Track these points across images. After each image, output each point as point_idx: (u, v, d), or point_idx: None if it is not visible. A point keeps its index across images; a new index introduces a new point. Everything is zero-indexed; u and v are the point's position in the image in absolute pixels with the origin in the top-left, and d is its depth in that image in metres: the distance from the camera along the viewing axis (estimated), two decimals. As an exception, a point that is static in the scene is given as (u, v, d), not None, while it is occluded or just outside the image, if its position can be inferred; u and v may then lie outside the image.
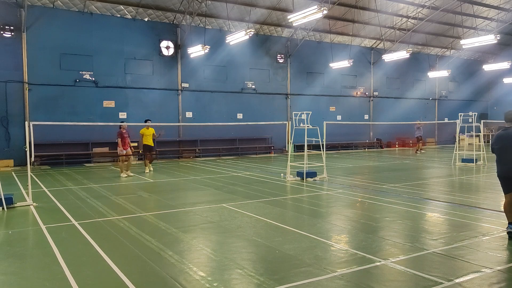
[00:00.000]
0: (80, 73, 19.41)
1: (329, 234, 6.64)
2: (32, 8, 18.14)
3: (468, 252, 5.53)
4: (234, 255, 5.56)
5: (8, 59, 17.85)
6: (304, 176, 12.70)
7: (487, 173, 14.50)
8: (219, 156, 22.71)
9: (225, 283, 4.58)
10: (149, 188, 11.94)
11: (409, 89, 31.01)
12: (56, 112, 18.59)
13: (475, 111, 19.78)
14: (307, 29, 24.83)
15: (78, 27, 19.26)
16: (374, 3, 23.74)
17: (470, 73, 34.04)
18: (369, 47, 28.94)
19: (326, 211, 8.45)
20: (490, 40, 21.11)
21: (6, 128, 17.92)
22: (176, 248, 5.84)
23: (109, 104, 20.14)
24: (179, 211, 8.41)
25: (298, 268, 4.98)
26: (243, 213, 8.10)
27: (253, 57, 24.27)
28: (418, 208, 8.58)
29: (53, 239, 6.30)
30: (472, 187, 11.86)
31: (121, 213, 8.18)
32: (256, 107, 24.13)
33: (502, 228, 6.73)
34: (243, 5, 21.83)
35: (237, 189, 11.27)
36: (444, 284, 4.43)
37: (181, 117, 22.11)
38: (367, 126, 29.06)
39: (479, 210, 8.29)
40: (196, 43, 20.71)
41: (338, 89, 27.80)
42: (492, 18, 28.07)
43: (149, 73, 21.28)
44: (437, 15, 25.97)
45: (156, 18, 21.32)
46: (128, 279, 4.64)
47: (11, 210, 8.58)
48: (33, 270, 5.12)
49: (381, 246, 5.87)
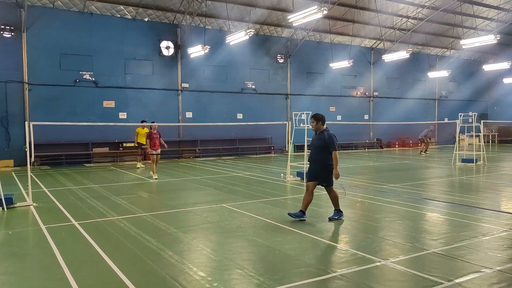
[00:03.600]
0: (80, 73, 19.42)
1: (329, 234, 6.64)
2: (32, 8, 18.14)
3: (468, 252, 5.53)
4: (234, 255, 5.56)
5: (8, 59, 17.85)
6: (304, 176, 12.68)
7: (487, 173, 14.50)
8: (219, 156, 22.71)
9: (225, 283, 4.58)
10: (149, 188, 11.94)
11: (409, 89, 31.02)
12: (56, 112, 18.59)
13: (475, 111, 19.78)
14: (307, 29, 24.83)
15: (78, 27, 19.26)
16: (374, 3, 23.74)
17: (470, 73, 34.04)
18: (369, 47, 28.95)
19: (326, 211, 8.44)
20: (490, 40, 21.11)
21: (6, 128, 17.92)
22: (176, 248, 5.84)
23: (109, 104, 20.14)
24: (179, 211, 8.41)
25: (298, 268, 4.98)
26: (243, 213, 8.10)
27: (253, 57, 24.27)
28: (418, 208, 8.58)
29: (53, 239, 6.30)
30: (472, 187, 11.86)
31: (121, 213, 8.18)
32: (256, 107, 24.13)
33: (502, 228, 6.74)
34: (243, 5, 21.83)
35: (237, 189, 11.27)
36: (444, 284, 4.43)
37: (181, 117, 22.11)
38: (367, 126, 29.06)
39: (479, 210, 8.28)
40: (196, 43, 20.71)
41: (338, 89, 27.81)
42: (492, 18, 28.07)
43: (149, 73, 21.28)
44: (437, 15, 25.97)
45: (156, 18, 21.32)
46: (128, 279, 4.64)
47: (11, 210, 8.58)
48: (33, 270, 5.12)
49: (381, 246, 5.87)
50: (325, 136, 7.22)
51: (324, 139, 7.20)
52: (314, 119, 7.39)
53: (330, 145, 7.15)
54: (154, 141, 13.79)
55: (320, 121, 7.38)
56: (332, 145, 7.16)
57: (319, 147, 7.27)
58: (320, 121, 7.37)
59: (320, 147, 7.25)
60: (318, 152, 7.29)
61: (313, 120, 7.42)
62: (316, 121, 7.37)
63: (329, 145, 7.16)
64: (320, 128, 7.39)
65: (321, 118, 7.38)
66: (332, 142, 7.16)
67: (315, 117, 7.39)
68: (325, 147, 7.19)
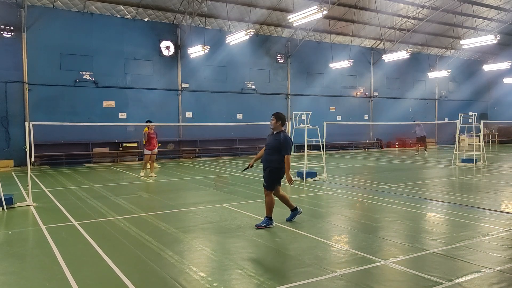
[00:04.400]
0: (80, 73, 19.41)
1: (329, 234, 6.64)
2: (32, 8, 18.14)
3: (468, 252, 5.53)
4: (234, 255, 5.56)
5: (8, 59, 17.84)
6: (304, 176, 12.70)
7: (487, 173, 14.51)
8: (219, 156, 22.71)
9: (225, 283, 4.58)
10: (149, 188, 11.95)
11: (409, 89, 31.01)
12: (56, 112, 18.59)
13: (475, 111, 19.77)
14: (307, 29, 24.83)
15: (78, 27, 19.26)
16: (374, 3, 23.74)
17: (470, 73, 34.03)
18: (369, 47, 28.94)
19: (326, 211, 8.45)
20: (490, 40, 21.11)
21: (6, 128, 17.92)
22: (176, 248, 5.84)
23: (109, 104, 20.14)
24: (179, 211, 8.41)
25: (298, 268, 4.98)
26: (243, 213, 8.10)
27: (253, 57, 24.27)
28: (418, 208, 8.58)
29: (53, 239, 6.30)
30: (472, 187, 11.86)
31: (121, 213, 8.18)
32: (256, 107, 24.13)
33: (502, 228, 6.74)
34: (243, 5, 21.83)
35: (237, 189, 11.27)
36: (444, 284, 4.43)
37: (181, 117, 22.11)
38: (367, 126, 29.05)
39: (479, 210, 8.28)
40: (196, 43, 20.71)
41: (338, 89, 27.80)
42: (492, 18, 28.07)
43: (149, 73, 21.28)
44: (437, 15, 25.97)
45: (156, 18, 21.32)
46: (128, 279, 4.64)
47: (11, 210, 8.58)
48: (33, 270, 5.12)
49: (381, 246, 5.88)
50: (281, 137, 6.89)
51: (279, 141, 6.86)
52: (275, 118, 7.04)
53: (283, 147, 6.82)
54: (151, 140, 14.05)
55: (280, 121, 7.03)
56: (285, 148, 6.83)
57: (273, 147, 6.92)
58: (280, 120, 7.03)
59: (274, 148, 6.90)
60: (270, 153, 6.95)
61: (273, 118, 7.05)
62: (276, 119, 7.02)
63: (283, 147, 6.82)
64: (278, 128, 7.04)
65: (282, 118, 7.06)
66: (287, 145, 6.84)
67: (276, 116, 7.05)
68: (278, 148, 6.85)
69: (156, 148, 14.37)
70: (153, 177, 13.84)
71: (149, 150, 14.08)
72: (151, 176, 13.89)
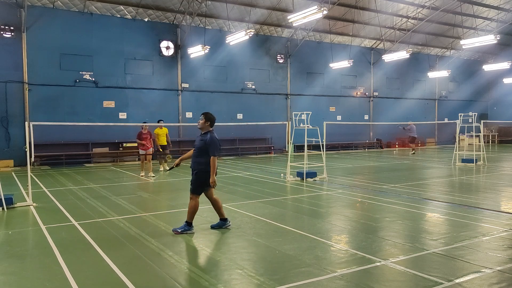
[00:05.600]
0: (80, 73, 19.41)
1: (329, 234, 6.64)
2: (32, 8, 18.14)
3: (468, 252, 5.53)
4: (234, 255, 5.56)
5: (8, 59, 17.85)
6: (304, 176, 12.70)
7: (487, 174, 14.51)
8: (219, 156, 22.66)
9: (225, 283, 4.58)
10: (149, 188, 11.95)
11: (409, 89, 31.01)
12: (56, 112, 18.59)
13: (475, 111, 19.78)
14: (307, 29, 24.83)
15: (78, 27, 19.26)
16: (374, 3, 23.74)
17: (470, 73, 34.03)
18: (369, 47, 28.94)
19: (326, 211, 8.45)
20: (490, 40, 21.11)
21: (6, 128, 17.92)
22: (176, 248, 5.84)
23: (109, 104, 20.14)
24: (179, 211, 8.40)
25: (298, 268, 4.98)
26: (243, 213, 8.10)
27: (253, 57, 24.27)
28: (418, 208, 8.58)
29: (53, 239, 6.30)
30: (472, 187, 11.86)
31: (121, 213, 8.18)
32: (256, 107, 24.13)
33: (502, 228, 6.74)
34: (243, 5, 21.83)
35: (237, 189, 11.27)
36: (444, 284, 4.43)
37: (181, 117, 22.11)
38: (367, 126, 29.06)
39: (479, 210, 8.28)
40: (196, 43, 20.71)
41: (338, 89, 27.80)
42: (492, 18, 28.07)
43: (149, 73, 21.28)
44: (437, 15, 25.97)
45: (156, 18, 21.32)
46: (128, 279, 4.64)
47: (11, 210, 8.58)
48: (33, 270, 5.12)
49: (381, 246, 5.88)
50: (207, 138, 6.64)
51: (205, 141, 6.62)
52: (204, 117, 6.77)
53: (210, 147, 6.56)
54: (144, 141, 14.24)
55: (209, 121, 6.79)
56: (212, 149, 6.57)
57: (200, 148, 6.67)
58: (209, 121, 6.78)
59: (201, 149, 6.65)
60: (198, 155, 6.70)
61: (202, 118, 6.78)
62: (205, 119, 6.76)
63: (209, 148, 6.56)
64: (206, 129, 6.79)
65: (210, 118, 6.80)
66: (213, 145, 6.58)
67: (205, 115, 6.78)
68: (205, 149, 6.60)
69: (150, 148, 14.50)
70: (152, 177, 13.90)
71: (143, 150, 14.33)
72: (149, 176, 13.96)
